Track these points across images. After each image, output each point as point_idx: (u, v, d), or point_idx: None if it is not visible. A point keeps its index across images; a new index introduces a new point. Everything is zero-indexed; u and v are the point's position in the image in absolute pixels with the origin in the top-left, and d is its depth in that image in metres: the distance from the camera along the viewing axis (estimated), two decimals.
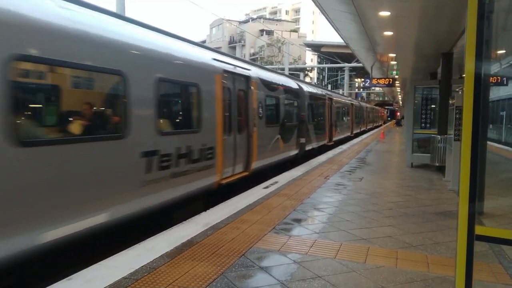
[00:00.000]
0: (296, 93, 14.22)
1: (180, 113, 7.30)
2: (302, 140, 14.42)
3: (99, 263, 3.96)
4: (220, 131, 7.71)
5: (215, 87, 7.58)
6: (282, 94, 12.38)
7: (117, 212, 4.93)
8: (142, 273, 3.71)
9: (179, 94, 7.11)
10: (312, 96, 16.77)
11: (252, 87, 9.64)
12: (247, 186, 8.58)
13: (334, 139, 20.92)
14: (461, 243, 1.98)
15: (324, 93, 19.98)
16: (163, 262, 3.99)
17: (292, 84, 14.48)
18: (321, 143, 18.10)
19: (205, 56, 7.74)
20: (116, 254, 4.20)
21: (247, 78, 9.52)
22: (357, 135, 29.68)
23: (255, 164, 9.67)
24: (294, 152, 13.46)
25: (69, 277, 3.59)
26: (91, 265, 3.91)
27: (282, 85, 12.77)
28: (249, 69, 9.82)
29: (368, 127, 41.91)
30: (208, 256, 4.21)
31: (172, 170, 6.14)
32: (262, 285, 3.56)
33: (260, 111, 10.15)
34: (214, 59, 7.90)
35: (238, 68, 9.00)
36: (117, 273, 3.68)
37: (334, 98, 21.68)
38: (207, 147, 7.15)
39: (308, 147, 15.34)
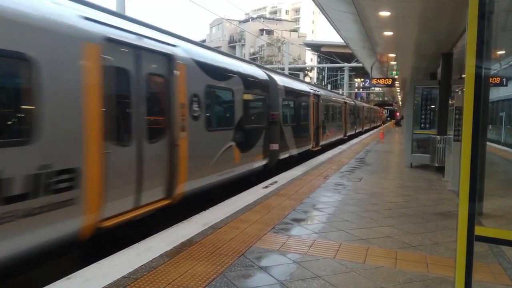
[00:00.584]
0: (263, 86, 10.90)
1: None
2: (274, 146, 11.43)
3: (98, 262, 3.96)
4: (94, 139, 4.67)
5: (81, 64, 4.51)
6: (238, 86, 9.06)
7: None
8: (142, 273, 3.71)
9: None
10: (290, 91, 13.34)
11: (177, 72, 6.46)
12: (246, 186, 8.57)
13: (322, 143, 17.74)
14: (461, 243, 1.98)
15: (308, 89, 16.39)
16: (163, 262, 3.99)
17: (257, 73, 10.91)
18: (304, 148, 14.90)
19: (57, 8, 4.48)
20: (116, 253, 4.20)
21: (169, 58, 6.32)
22: (351, 137, 26.80)
23: (185, 187, 6.64)
24: (260, 163, 10.45)
25: (68, 276, 3.59)
26: (90, 264, 3.91)
27: (239, 74, 9.25)
28: (173, 45, 6.58)
29: (365, 128, 38.74)
30: (207, 255, 4.21)
31: None
32: (261, 284, 3.56)
33: (196, 109, 7.04)
34: (85, 18, 4.75)
35: (147, 41, 5.86)
36: (116, 272, 3.68)
37: (322, 95, 18.29)
38: (53, 171, 4.10)
39: (284, 155, 12.31)
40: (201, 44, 8.73)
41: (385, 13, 7.93)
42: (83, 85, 4.56)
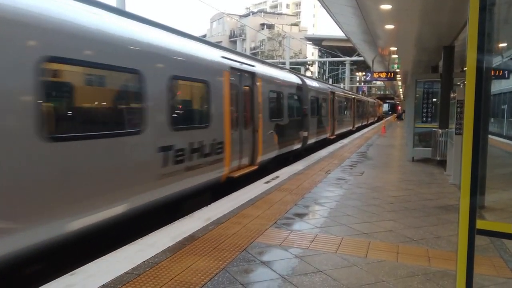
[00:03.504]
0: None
1: None
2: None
3: (101, 258, 3.97)
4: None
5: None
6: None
7: None
8: (144, 268, 3.73)
9: None
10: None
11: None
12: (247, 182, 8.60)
13: (260, 159, 10.00)
14: (462, 237, 1.98)
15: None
16: (165, 257, 4.01)
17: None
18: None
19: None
20: (118, 249, 4.22)
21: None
22: (339, 137, 21.44)
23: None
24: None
25: (71, 272, 3.61)
26: (93, 260, 3.93)
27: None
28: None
29: (357, 126, 30.67)
30: (209, 250, 4.22)
31: None
32: (263, 279, 3.57)
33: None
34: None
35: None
36: (119, 268, 3.70)
37: (265, 74, 10.68)
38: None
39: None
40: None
41: (386, 6, 7.89)
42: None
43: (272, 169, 10.56)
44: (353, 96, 29.53)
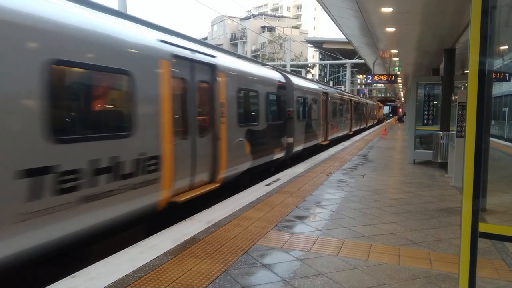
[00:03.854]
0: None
1: None
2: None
3: (102, 261, 3.97)
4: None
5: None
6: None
7: None
8: (145, 271, 3.72)
9: None
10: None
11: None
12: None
13: (223, 174, 8.25)
14: (465, 240, 1.98)
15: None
16: (166, 260, 4.00)
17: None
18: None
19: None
20: (119, 252, 4.22)
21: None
22: (332, 143, 19.33)
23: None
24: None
25: (72, 275, 3.60)
26: (94, 262, 3.93)
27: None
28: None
29: (355, 129, 28.61)
30: (210, 253, 4.22)
31: None
32: (265, 282, 3.56)
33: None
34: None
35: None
36: (120, 271, 3.69)
37: (231, 67, 8.72)
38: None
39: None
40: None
41: (387, 9, 7.89)
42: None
43: (244, 186, 8.69)
44: (349, 98, 27.00)
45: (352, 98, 28.81)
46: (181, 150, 6.27)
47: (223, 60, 8.15)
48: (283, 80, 12.20)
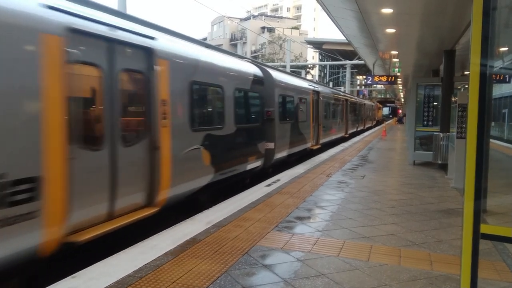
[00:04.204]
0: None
1: None
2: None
3: (103, 261, 3.97)
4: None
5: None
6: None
7: None
8: (146, 271, 3.72)
9: None
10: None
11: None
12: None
13: (166, 194, 6.26)
14: (466, 241, 1.98)
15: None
16: (167, 260, 4.00)
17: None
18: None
19: None
20: (120, 252, 4.22)
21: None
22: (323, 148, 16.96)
23: None
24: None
25: (73, 275, 3.60)
26: (95, 262, 3.93)
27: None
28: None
29: (351, 131, 26.63)
30: (211, 254, 4.22)
31: None
32: (265, 283, 3.56)
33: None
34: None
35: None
36: (121, 271, 3.70)
37: (179, 54, 6.64)
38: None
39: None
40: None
41: (387, 10, 7.90)
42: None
43: (203, 206, 6.93)
44: (345, 98, 24.80)
45: (348, 98, 26.60)
46: (86, 165, 4.55)
47: (166, 43, 6.25)
48: (259, 74, 10.01)
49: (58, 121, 4.14)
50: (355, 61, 44.70)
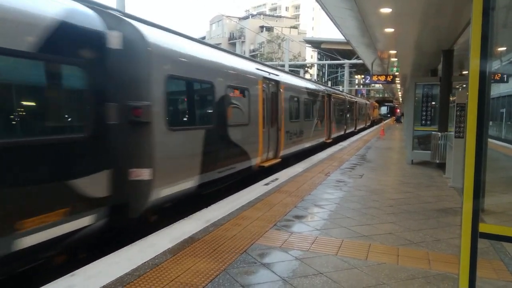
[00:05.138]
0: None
1: None
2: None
3: (101, 259, 3.97)
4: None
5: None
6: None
7: None
8: (145, 269, 3.72)
9: None
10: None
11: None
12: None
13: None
14: (465, 240, 1.99)
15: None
16: (165, 259, 4.00)
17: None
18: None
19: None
20: (119, 250, 4.22)
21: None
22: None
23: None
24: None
25: (72, 273, 3.60)
26: (93, 261, 3.92)
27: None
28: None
29: (336, 135, 21.48)
30: (210, 252, 4.22)
31: None
32: (264, 281, 3.57)
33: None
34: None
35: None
36: (119, 269, 3.69)
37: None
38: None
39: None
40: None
41: (386, 10, 7.91)
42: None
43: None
44: (327, 93, 19.21)
45: (332, 93, 20.95)
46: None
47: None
48: (88, 24, 4.77)
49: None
50: (353, 61, 44.75)
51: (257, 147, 9.93)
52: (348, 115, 26.00)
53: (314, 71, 72.80)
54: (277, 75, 12.02)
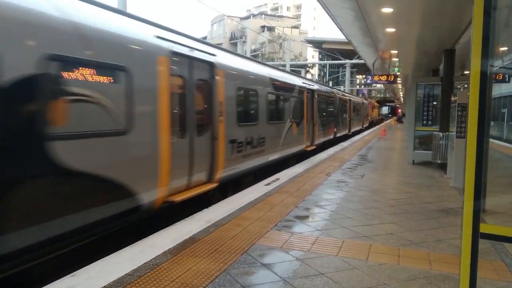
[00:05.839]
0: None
1: None
2: None
3: (102, 259, 3.97)
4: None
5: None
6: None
7: None
8: (145, 270, 3.72)
9: None
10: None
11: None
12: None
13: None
14: (466, 241, 1.98)
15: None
16: (166, 259, 4.00)
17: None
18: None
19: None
20: (119, 251, 4.22)
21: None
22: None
23: None
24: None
25: (72, 274, 3.60)
26: (94, 261, 3.92)
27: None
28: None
29: (322, 140, 17.13)
30: (210, 253, 4.21)
31: None
32: (264, 282, 3.56)
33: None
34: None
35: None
36: (120, 270, 3.69)
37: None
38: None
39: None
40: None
41: (387, 10, 7.90)
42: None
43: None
44: (310, 88, 15.18)
45: (316, 89, 16.45)
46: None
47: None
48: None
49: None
50: (355, 61, 44.72)
51: (154, 172, 5.58)
52: (339, 116, 22.11)
53: (315, 71, 72.78)
54: (213, 54, 7.56)
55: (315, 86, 16.70)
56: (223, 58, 8.14)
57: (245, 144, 8.88)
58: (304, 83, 14.79)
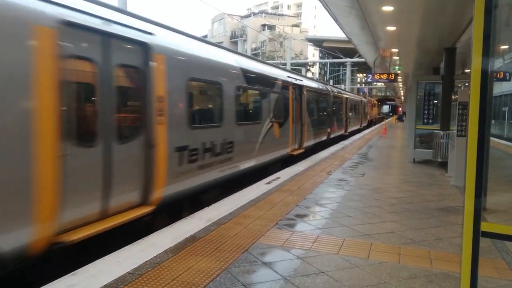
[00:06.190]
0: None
1: None
2: None
3: (103, 258, 3.97)
4: None
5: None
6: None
7: None
8: (146, 268, 3.72)
9: None
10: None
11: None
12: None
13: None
14: (467, 239, 1.98)
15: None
16: (167, 258, 4.00)
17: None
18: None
19: None
20: (120, 249, 4.22)
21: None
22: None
23: None
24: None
25: (73, 272, 3.61)
26: (95, 260, 3.93)
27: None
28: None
29: (311, 142, 15.01)
30: (211, 251, 4.22)
31: None
32: (265, 280, 3.57)
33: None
34: None
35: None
36: (121, 268, 3.70)
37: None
38: None
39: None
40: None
41: (388, 8, 7.88)
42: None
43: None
44: (296, 82, 13.07)
45: (304, 84, 14.34)
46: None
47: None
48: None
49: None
50: (355, 59, 44.60)
51: (21, 202, 3.80)
52: (334, 115, 20.06)
53: (316, 69, 72.72)
54: (148, 32, 5.65)
55: (304, 81, 14.55)
56: (165, 39, 6.13)
57: (202, 151, 6.90)
58: (289, 77, 12.68)
